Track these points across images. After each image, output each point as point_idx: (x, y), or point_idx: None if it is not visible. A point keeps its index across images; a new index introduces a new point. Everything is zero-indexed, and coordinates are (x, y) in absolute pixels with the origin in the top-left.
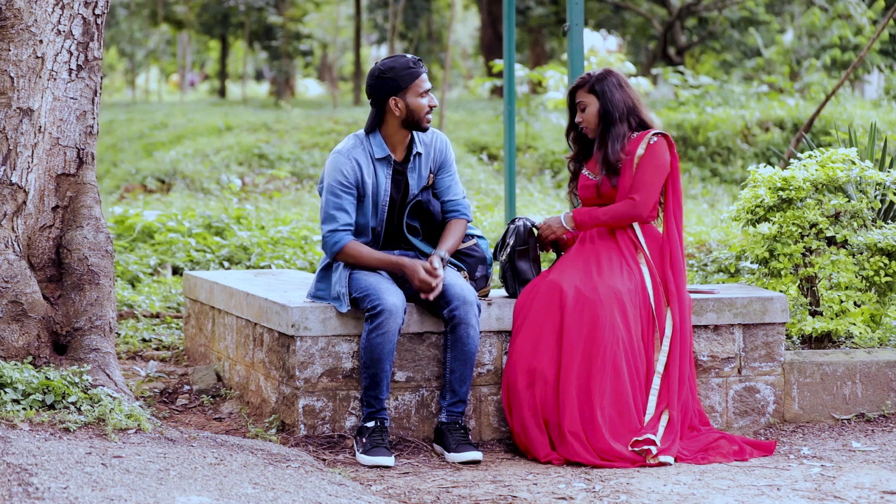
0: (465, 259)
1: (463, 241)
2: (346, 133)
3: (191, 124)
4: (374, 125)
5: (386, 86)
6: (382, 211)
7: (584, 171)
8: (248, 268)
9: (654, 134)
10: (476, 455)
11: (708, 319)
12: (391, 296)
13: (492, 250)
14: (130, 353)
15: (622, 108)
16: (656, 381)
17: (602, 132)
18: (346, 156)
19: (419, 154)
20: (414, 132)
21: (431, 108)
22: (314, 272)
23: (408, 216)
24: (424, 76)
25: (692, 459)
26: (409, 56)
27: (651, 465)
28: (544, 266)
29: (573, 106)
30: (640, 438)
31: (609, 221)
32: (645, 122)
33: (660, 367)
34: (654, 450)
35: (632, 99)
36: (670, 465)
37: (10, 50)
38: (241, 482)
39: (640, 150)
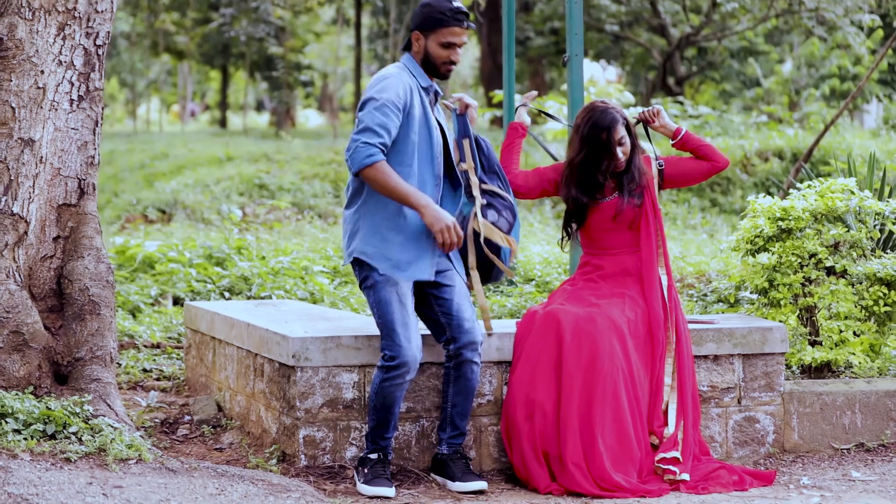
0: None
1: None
2: (345, 163)
3: (191, 154)
4: (406, 47)
5: (417, 17)
6: (435, 144)
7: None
8: (248, 298)
9: (654, 159)
10: (482, 485)
11: (708, 350)
12: (413, 346)
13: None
14: (131, 384)
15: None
16: (674, 398)
17: (629, 161)
18: (398, 77)
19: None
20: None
21: (452, 61)
22: (314, 303)
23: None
24: (455, 30)
25: (692, 489)
26: (455, 4)
27: (650, 496)
28: (543, 296)
29: (609, 142)
30: (667, 456)
31: (709, 152)
32: None
33: (675, 395)
34: (677, 471)
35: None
36: (687, 481)
37: (11, 80)
38: None
39: (655, 172)
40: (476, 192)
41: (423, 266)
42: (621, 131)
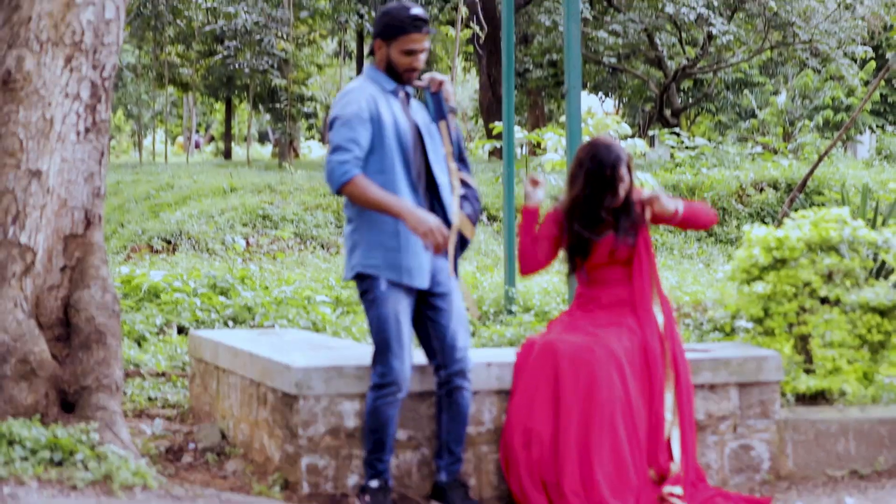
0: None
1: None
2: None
3: (196, 185)
4: (371, 55)
5: (377, 26)
6: (408, 147)
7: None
8: (252, 327)
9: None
10: None
11: (704, 378)
12: (405, 366)
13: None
14: (136, 412)
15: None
16: (676, 434)
17: (626, 199)
18: (358, 90)
19: (408, 94)
20: None
21: (414, 68)
22: (317, 332)
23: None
24: (415, 37)
25: None
26: (413, 11)
27: None
28: (542, 326)
29: (613, 178)
30: (674, 491)
31: (703, 223)
32: None
33: (677, 430)
34: (678, 490)
35: None
36: None
37: (19, 112)
38: None
39: (648, 214)
40: (455, 181)
41: (424, 274)
42: (624, 169)
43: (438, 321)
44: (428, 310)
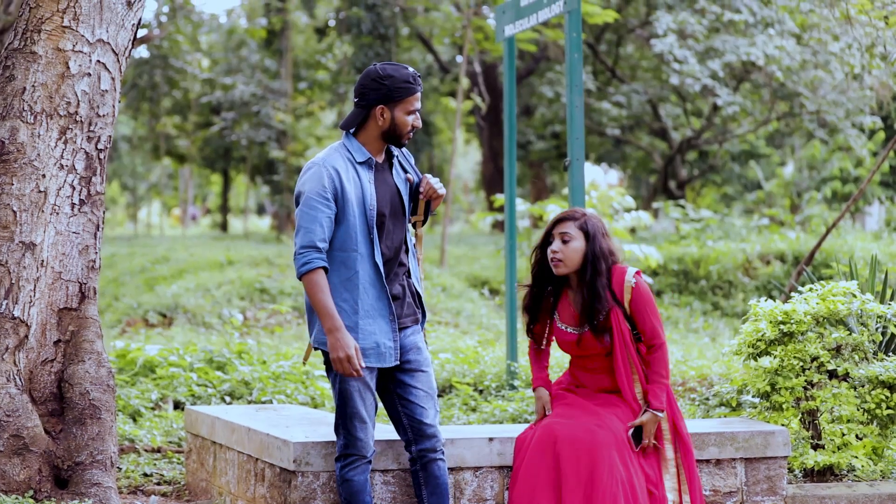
0: None
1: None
2: None
3: (192, 258)
4: (354, 125)
5: (378, 91)
6: (372, 218)
7: (560, 324)
8: (249, 402)
9: (632, 275)
10: None
11: (710, 454)
12: (368, 438)
13: None
14: (132, 488)
15: (608, 257)
16: None
17: (590, 279)
18: (321, 165)
19: (397, 158)
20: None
21: (414, 127)
22: (315, 407)
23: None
24: (419, 95)
25: None
26: (410, 70)
27: None
28: None
29: (549, 235)
30: None
31: (668, 375)
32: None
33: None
34: None
35: (612, 248)
36: None
37: (13, 184)
38: None
39: (627, 296)
40: (419, 248)
41: (385, 353)
42: (566, 227)
43: (407, 398)
44: (396, 387)
